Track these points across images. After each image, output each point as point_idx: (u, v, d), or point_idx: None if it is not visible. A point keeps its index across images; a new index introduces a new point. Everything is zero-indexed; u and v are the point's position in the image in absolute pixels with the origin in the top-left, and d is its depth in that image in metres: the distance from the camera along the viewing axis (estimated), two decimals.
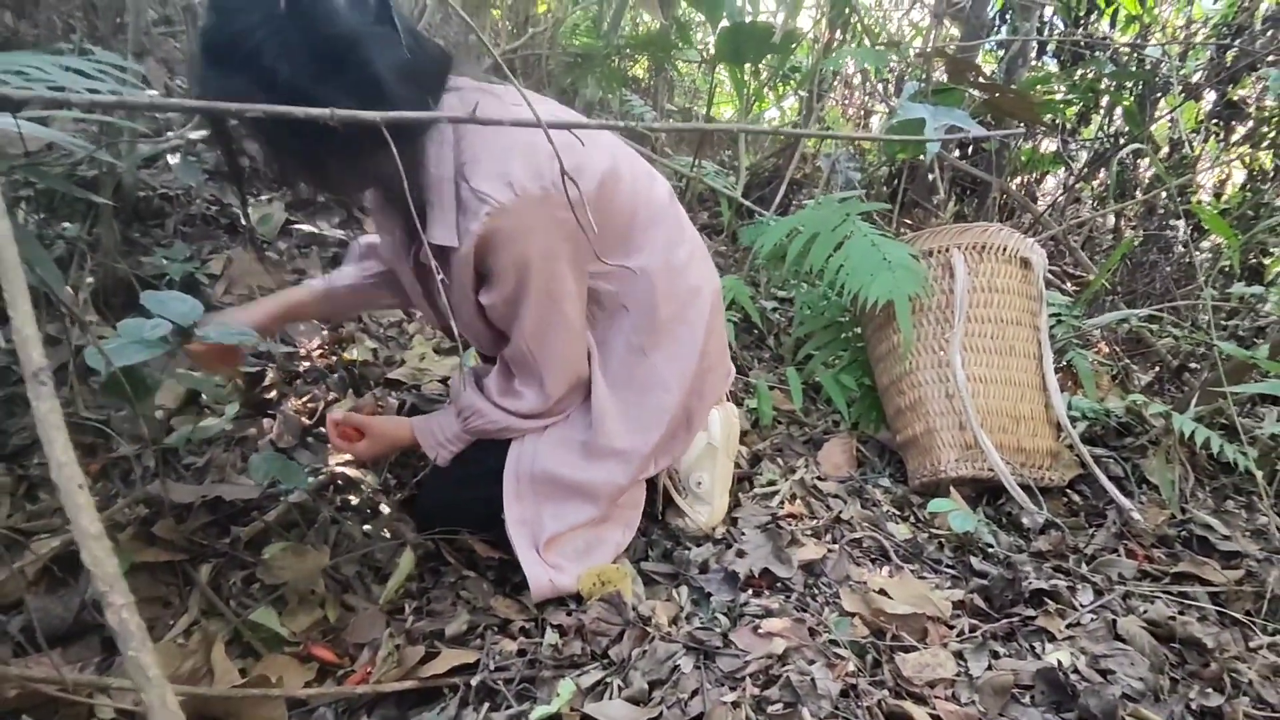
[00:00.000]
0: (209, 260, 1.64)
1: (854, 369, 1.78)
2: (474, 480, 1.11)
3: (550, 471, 1.10)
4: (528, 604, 1.07)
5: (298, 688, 0.84)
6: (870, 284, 1.51)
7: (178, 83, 2.07)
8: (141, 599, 0.93)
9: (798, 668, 0.96)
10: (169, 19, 2.51)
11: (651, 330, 1.12)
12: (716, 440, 1.29)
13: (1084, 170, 2.79)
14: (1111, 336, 1.97)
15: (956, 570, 1.30)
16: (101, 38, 1.66)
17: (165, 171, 1.79)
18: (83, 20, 1.89)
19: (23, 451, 1.10)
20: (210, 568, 0.99)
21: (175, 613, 0.93)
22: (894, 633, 1.09)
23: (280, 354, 1.43)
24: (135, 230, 1.65)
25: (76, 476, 0.27)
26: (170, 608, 0.93)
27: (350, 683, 0.87)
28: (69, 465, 0.27)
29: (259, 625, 0.91)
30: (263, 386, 1.34)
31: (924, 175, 2.49)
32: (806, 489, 1.46)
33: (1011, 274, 1.55)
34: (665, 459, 1.21)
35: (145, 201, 1.71)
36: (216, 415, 1.23)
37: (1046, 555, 1.36)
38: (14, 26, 1.90)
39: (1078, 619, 1.18)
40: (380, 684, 0.86)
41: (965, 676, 1.03)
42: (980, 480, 1.49)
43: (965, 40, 2.74)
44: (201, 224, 1.77)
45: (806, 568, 1.22)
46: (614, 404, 1.13)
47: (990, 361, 1.52)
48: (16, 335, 0.29)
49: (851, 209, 1.67)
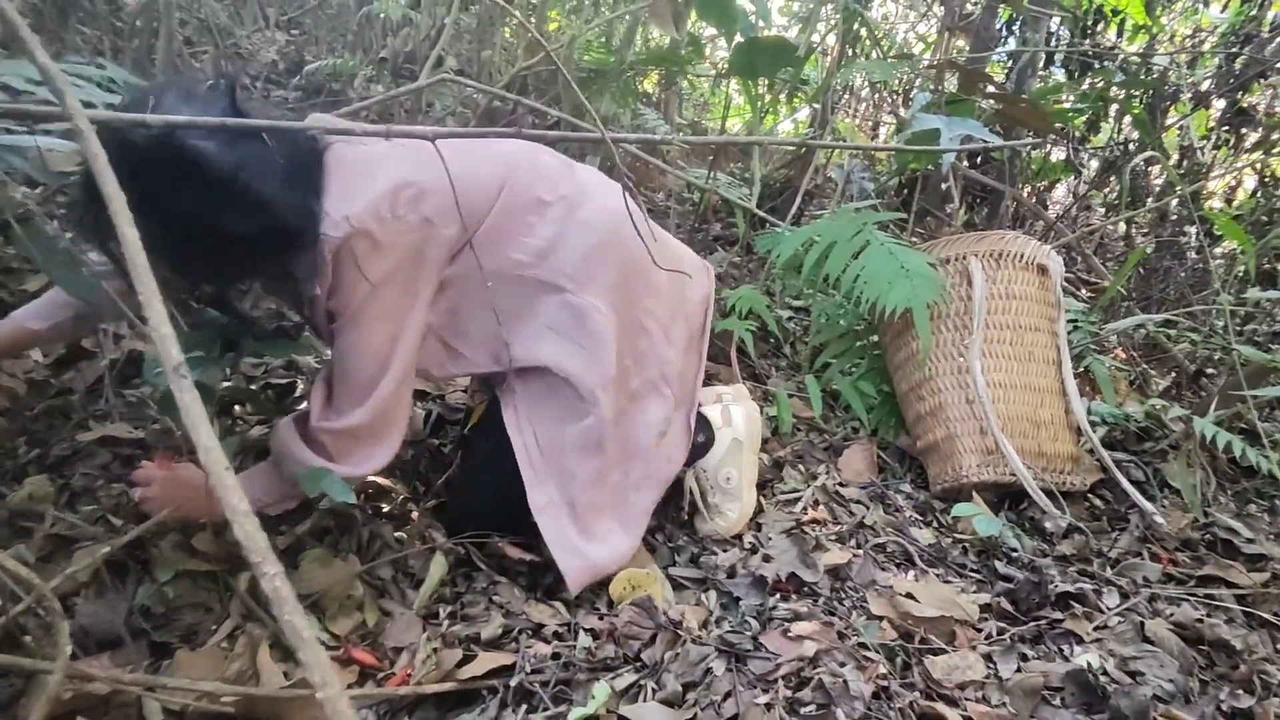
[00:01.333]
0: None
1: (872, 376, 1.79)
2: (497, 479, 1.13)
3: (551, 436, 1.13)
4: (560, 608, 1.08)
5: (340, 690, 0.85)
6: (889, 292, 1.53)
7: None
8: (185, 605, 0.95)
9: (829, 670, 0.97)
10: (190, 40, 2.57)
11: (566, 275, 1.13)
12: (742, 435, 1.31)
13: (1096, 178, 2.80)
14: (1128, 342, 1.98)
15: (981, 574, 1.31)
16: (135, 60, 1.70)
17: None
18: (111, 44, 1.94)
19: (64, 462, 1.12)
20: (249, 575, 1.00)
21: (217, 618, 0.95)
22: (922, 635, 1.10)
23: (310, 365, 1.46)
24: None
25: (222, 460, 0.29)
26: (212, 613, 0.95)
27: (391, 684, 0.89)
28: (215, 449, 0.29)
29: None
30: (294, 398, 1.36)
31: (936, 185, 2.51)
32: (829, 495, 1.47)
33: (1029, 281, 1.57)
34: (638, 376, 1.21)
35: None
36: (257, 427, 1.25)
37: (1070, 559, 1.37)
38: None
39: (1105, 621, 1.19)
40: (420, 686, 0.88)
41: (995, 679, 1.04)
42: (1001, 485, 1.50)
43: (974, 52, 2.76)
44: None
45: (832, 572, 1.23)
46: (560, 352, 1.13)
47: (1009, 367, 1.53)
48: (155, 333, 0.31)
49: (868, 218, 1.69)
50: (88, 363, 1.31)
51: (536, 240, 1.11)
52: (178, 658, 0.86)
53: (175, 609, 0.93)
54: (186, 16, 2.55)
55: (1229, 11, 2.96)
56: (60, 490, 1.08)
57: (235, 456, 1.21)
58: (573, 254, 1.12)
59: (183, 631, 0.91)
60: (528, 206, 1.11)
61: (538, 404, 1.15)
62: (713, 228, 2.66)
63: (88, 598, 0.89)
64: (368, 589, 1.03)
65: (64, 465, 1.13)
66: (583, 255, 1.13)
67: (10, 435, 1.15)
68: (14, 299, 1.35)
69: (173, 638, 0.90)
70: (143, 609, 0.90)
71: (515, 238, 1.11)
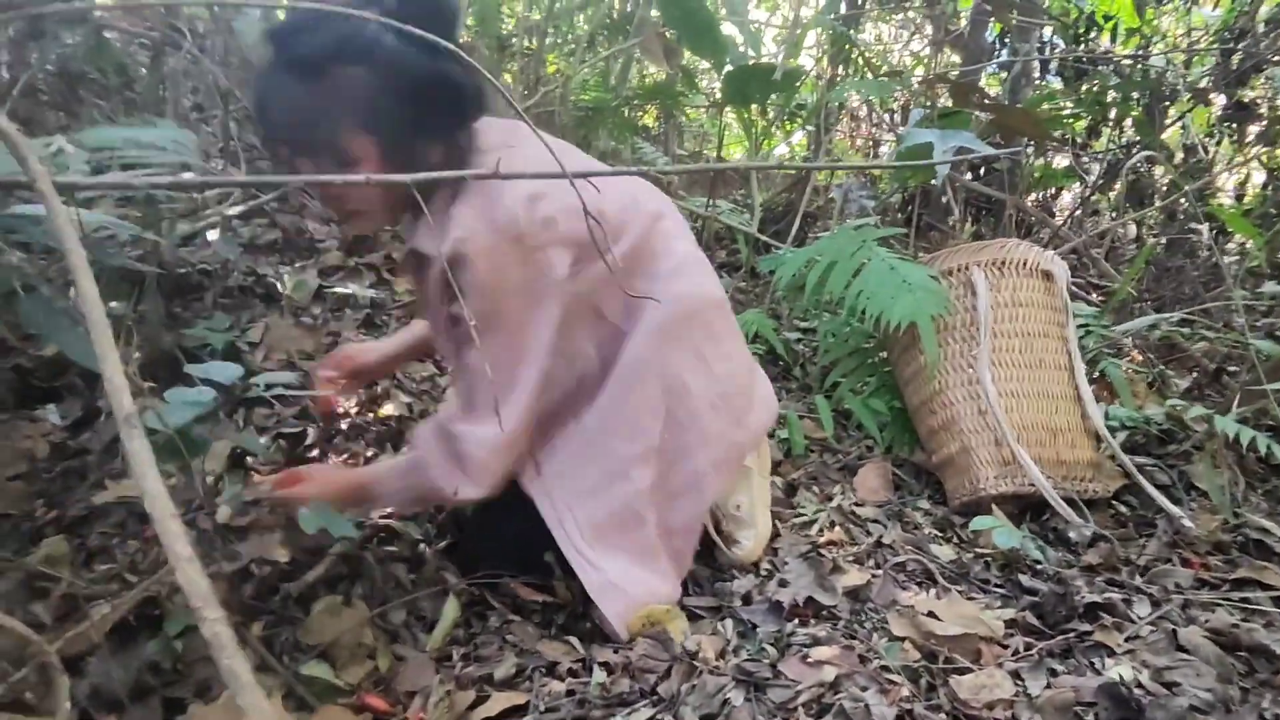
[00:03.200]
0: (248, 329, 1.70)
1: (883, 393, 1.78)
2: (514, 520, 1.12)
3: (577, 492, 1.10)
4: (574, 644, 1.07)
5: None
6: (892, 307, 1.53)
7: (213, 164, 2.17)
8: (197, 659, 0.95)
9: (850, 695, 0.95)
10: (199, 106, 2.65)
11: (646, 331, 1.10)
12: (749, 460, 1.30)
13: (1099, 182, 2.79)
14: (1143, 344, 1.95)
15: (1005, 589, 1.28)
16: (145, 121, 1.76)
17: (203, 247, 1.87)
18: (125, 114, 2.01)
19: (80, 522, 1.14)
20: (261, 625, 1.00)
21: None
22: (946, 655, 1.07)
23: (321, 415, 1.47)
24: (177, 304, 1.73)
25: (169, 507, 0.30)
26: None
27: None
28: (161, 496, 0.30)
29: (313, 679, 0.93)
30: (305, 445, 1.38)
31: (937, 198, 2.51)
32: (845, 515, 1.45)
33: (1034, 287, 1.55)
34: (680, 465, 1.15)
35: (185, 276, 1.79)
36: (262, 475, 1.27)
37: (1097, 568, 1.33)
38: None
39: (1136, 632, 1.15)
40: None
41: (1024, 696, 1.01)
42: (1022, 496, 1.47)
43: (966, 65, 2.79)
44: (239, 295, 1.84)
45: (851, 594, 1.20)
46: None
47: (1021, 376, 1.51)
48: (108, 384, 0.31)
49: (867, 235, 1.69)
50: (103, 422, 1.33)
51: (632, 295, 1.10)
52: (191, 713, 0.86)
53: (187, 663, 0.93)
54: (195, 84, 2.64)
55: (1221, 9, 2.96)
56: (76, 550, 1.09)
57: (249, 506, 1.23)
58: (656, 317, 1.09)
59: (195, 686, 0.91)
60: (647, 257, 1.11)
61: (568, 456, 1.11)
62: (717, 255, 2.68)
63: (101, 657, 0.89)
64: (380, 634, 1.03)
65: (80, 525, 1.14)
66: (662, 324, 1.09)
67: (29, 497, 1.17)
68: (32, 364, 1.38)
69: (185, 693, 0.90)
70: (153, 665, 0.91)
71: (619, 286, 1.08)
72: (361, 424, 1.51)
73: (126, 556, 1.09)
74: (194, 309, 1.75)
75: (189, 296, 1.78)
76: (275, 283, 1.88)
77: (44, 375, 1.39)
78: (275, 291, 1.86)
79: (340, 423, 1.48)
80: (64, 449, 1.28)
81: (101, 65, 1.83)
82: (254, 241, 2.08)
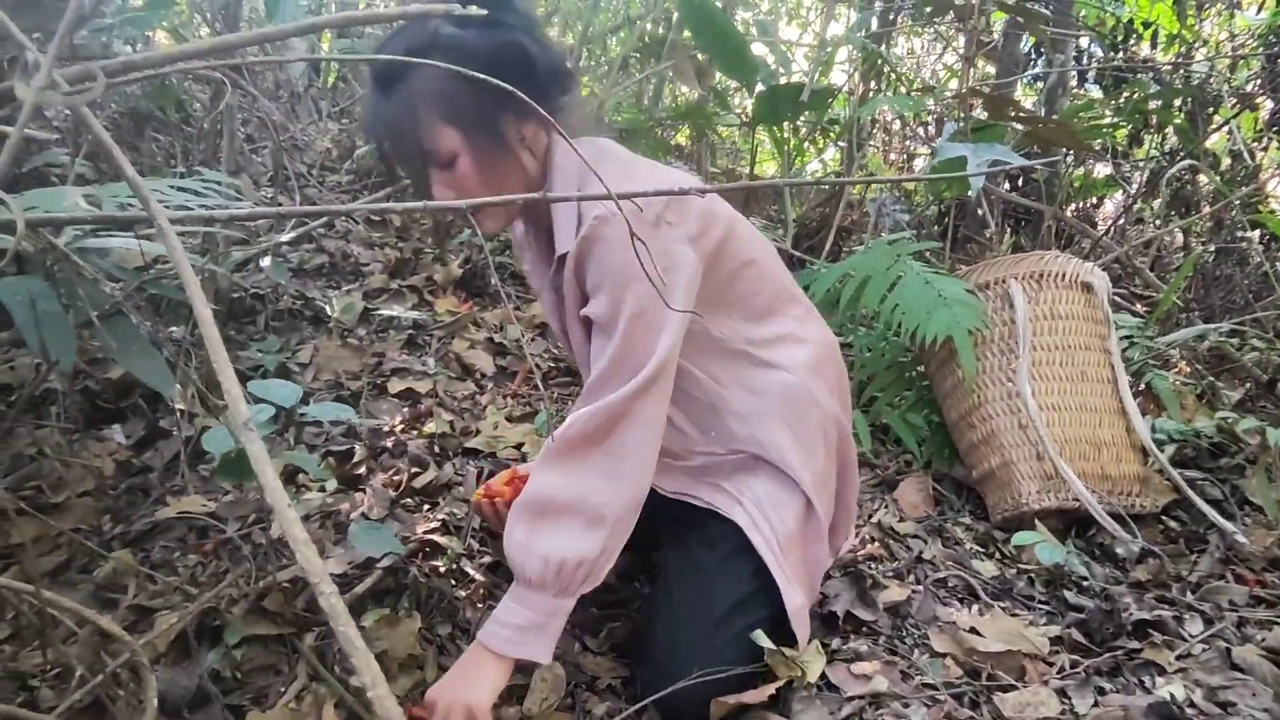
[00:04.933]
0: (298, 350, 1.76)
1: (921, 407, 1.76)
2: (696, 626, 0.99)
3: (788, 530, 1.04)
4: (616, 662, 1.08)
5: None
6: (927, 321, 1.52)
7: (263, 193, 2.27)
8: (255, 667, 0.99)
9: (893, 711, 0.95)
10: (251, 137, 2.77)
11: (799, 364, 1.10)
12: None
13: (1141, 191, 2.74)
14: (1191, 355, 1.90)
15: (1050, 605, 1.26)
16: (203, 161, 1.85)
17: (255, 273, 1.95)
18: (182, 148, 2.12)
19: (144, 536, 1.19)
20: (314, 637, 1.04)
21: (285, 680, 0.98)
22: (990, 672, 1.06)
23: (367, 431, 1.52)
24: (231, 328, 1.80)
25: (285, 498, 0.33)
26: (280, 675, 0.99)
27: None
28: (279, 490, 0.33)
29: (359, 689, 0.96)
30: (352, 463, 1.42)
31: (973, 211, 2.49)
32: (884, 531, 1.44)
33: (1074, 299, 1.54)
34: None
35: (239, 301, 1.87)
36: (315, 492, 1.31)
37: (1146, 585, 1.30)
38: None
39: (1188, 650, 1.13)
40: None
41: (1070, 714, 0.99)
42: (1066, 511, 1.45)
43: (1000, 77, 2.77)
44: (289, 318, 1.91)
45: (892, 610, 1.20)
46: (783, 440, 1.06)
47: (1062, 389, 1.50)
48: (227, 395, 0.35)
49: (902, 250, 1.69)
50: (165, 442, 1.40)
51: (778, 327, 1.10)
52: (249, 718, 0.90)
53: (246, 672, 0.97)
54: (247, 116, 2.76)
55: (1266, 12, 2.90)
56: (141, 563, 1.14)
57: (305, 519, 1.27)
58: (803, 352, 1.10)
59: (254, 694, 0.95)
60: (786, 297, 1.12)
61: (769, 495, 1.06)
62: None
63: (165, 664, 0.93)
64: (427, 646, 1.06)
65: (144, 540, 1.20)
66: (810, 362, 1.09)
67: (97, 514, 1.23)
68: (99, 386, 1.46)
69: (244, 700, 0.94)
70: (214, 673, 0.95)
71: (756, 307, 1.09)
72: (405, 443, 1.55)
73: (187, 570, 1.14)
74: (247, 332, 1.83)
75: (242, 320, 1.86)
76: (323, 306, 1.95)
77: (110, 397, 1.46)
78: (323, 314, 1.93)
79: (386, 440, 1.53)
80: (128, 467, 1.34)
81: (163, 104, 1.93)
82: (302, 266, 2.16)
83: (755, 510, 1.05)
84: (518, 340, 2.10)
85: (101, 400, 1.46)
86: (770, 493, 1.06)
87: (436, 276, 2.27)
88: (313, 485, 1.34)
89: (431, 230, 2.45)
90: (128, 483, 1.31)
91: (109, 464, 1.32)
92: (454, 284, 2.26)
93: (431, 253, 2.37)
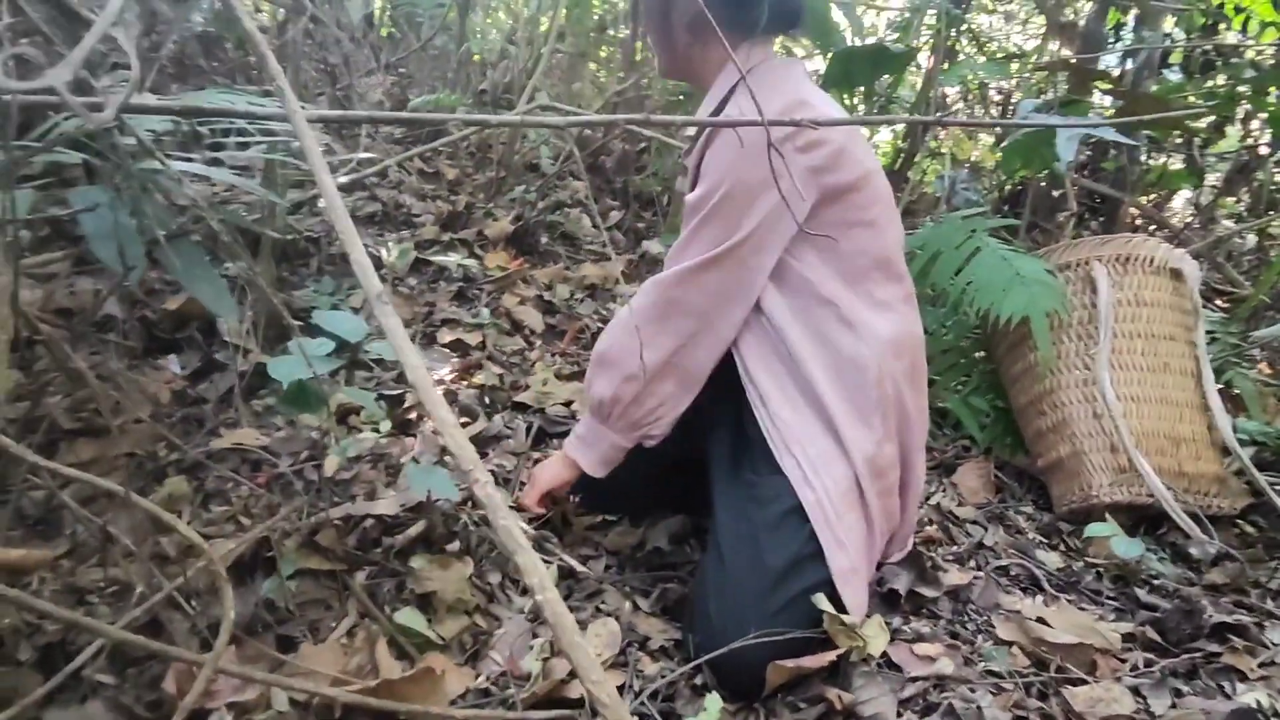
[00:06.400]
0: (349, 295, 1.75)
1: (984, 391, 1.70)
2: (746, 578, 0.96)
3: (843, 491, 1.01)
4: (668, 624, 1.05)
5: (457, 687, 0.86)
6: (1003, 300, 1.46)
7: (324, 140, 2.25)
8: (307, 601, 0.98)
9: (961, 695, 0.91)
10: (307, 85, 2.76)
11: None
12: None
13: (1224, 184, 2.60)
14: (1275, 355, 1.80)
15: (1120, 602, 1.20)
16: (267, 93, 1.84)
17: (308, 216, 1.94)
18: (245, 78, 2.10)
19: (199, 466, 1.19)
20: (365, 575, 1.03)
21: (336, 616, 0.97)
22: (1058, 664, 1.02)
23: None
24: (284, 269, 1.79)
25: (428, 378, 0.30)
26: (331, 611, 0.98)
27: None
28: (420, 369, 0.30)
29: (410, 629, 0.94)
30: (404, 408, 1.41)
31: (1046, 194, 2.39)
32: (943, 515, 1.39)
33: (1161, 286, 1.46)
34: None
35: (292, 244, 1.86)
36: (368, 432, 1.30)
37: (1223, 589, 1.24)
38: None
39: (1271, 657, 1.07)
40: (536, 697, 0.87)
41: (1146, 714, 0.94)
42: (1136, 507, 1.38)
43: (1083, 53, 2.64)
44: (341, 263, 1.90)
45: (952, 594, 1.15)
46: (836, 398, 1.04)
47: (1142, 380, 1.42)
48: (356, 267, 0.32)
49: (977, 225, 1.62)
50: (220, 375, 1.39)
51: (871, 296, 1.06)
52: (302, 651, 0.89)
53: (299, 605, 0.96)
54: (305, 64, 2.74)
55: None
56: (195, 491, 1.14)
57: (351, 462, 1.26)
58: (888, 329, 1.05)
59: (305, 626, 0.94)
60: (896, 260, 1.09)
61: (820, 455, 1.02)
62: None
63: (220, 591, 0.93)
64: (477, 592, 1.04)
65: (199, 469, 1.19)
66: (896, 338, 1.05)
67: (152, 439, 1.23)
68: (155, 316, 1.46)
69: (296, 632, 0.93)
70: (268, 603, 0.94)
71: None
72: (455, 393, 1.53)
73: (240, 501, 1.13)
74: (299, 274, 1.82)
75: (295, 262, 1.85)
76: (374, 252, 1.93)
77: (166, 328, 1.46)
78: (374, 261, 1.91)
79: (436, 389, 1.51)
80: (183, 397, 1.34)
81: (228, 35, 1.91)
82: (355, 213, 2.14)
83: (808, 467, 1.01)
84: (567, 300, 2.06)
85: (158, 330, 1.45)
86: (823, 452, 1.02)
87: (488, 231, 2.24)
88: (364, 426, 1.33)
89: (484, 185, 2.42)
90: (183, 412, 1.31)
91: (165, 392, 1.32)
92: (504, 240, 2.23)
93: (483, 208, 2.34)
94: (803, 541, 0.98)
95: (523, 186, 2.39)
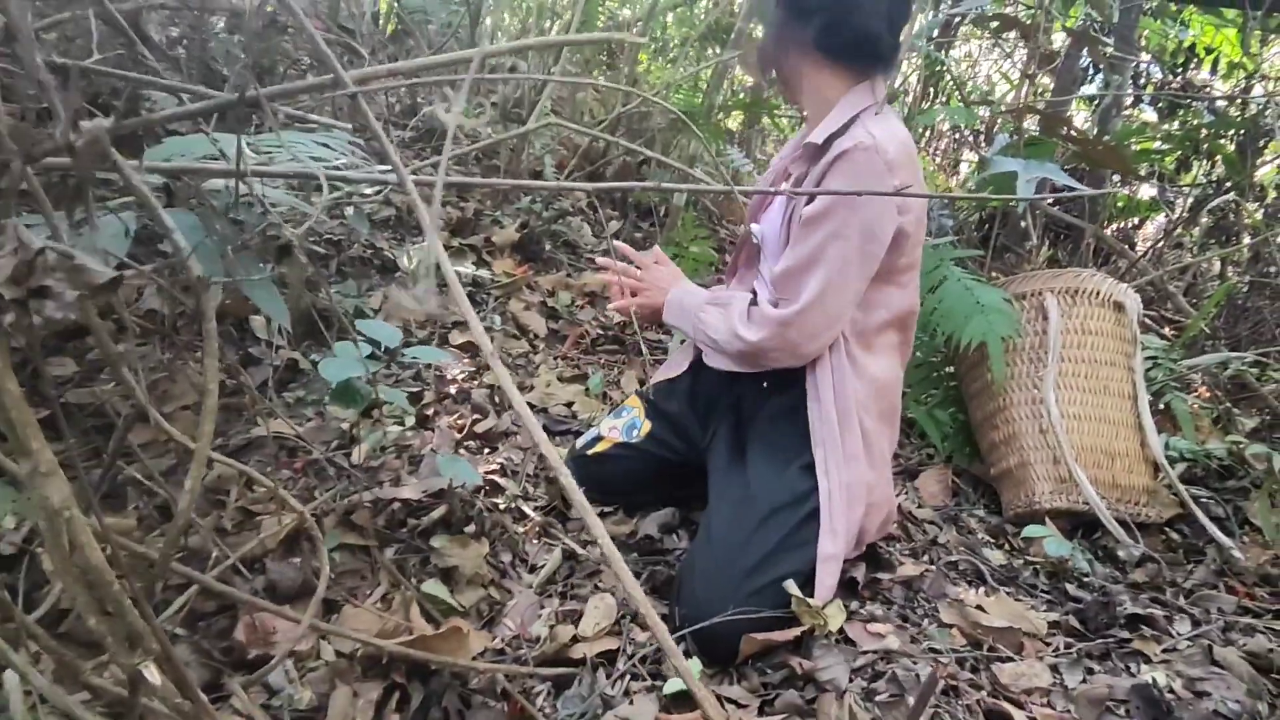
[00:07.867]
0: (367, 296, 1.89)
1: (947, 405, 1.87)
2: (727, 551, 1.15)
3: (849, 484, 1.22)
4: (657, 602, 1.21)
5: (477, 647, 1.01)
6: (964, 326, 1.62)
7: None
8: (345, 570, 1.13)
9: (903, 666, 1.07)
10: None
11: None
12: None
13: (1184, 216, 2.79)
14: (1213, 381, 1.98)
15: (1052, 595, 1.37)
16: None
17: (326, 220, 2.08)
18: None
19: (243, 449, 1.33)
20: (394, 551, 1.18)
21: (370, 585, 1.12)
22: (991, 644, 1.18)
23: (434, 377, 1.65)
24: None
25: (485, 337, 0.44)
26: (365, 581, 1.13)
27: None
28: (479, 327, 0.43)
29: (434, 597, 1.09)
30: (423, 404, 1.55)
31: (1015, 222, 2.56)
32: (903, 515, 1.55)
33: (1105, 317, 1.63)
34: None
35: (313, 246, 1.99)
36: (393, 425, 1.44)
37: (1143, 586, 1.41)
38: None
39: (1174, 645, 1.23)
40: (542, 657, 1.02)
41: (1060, 687, 1.11)
42: (1075, 513, 1.55)
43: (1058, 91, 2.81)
44: (359, 265, 2.04)
45: (905, 584, 1.31)
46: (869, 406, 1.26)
47: (1084, 400, 1.59)
48: (474, 334, 0.46)
49: (945, 254, 1.78)
50: (255, 368, 1.53)
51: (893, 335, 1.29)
52: (344, 611, 1.04)
53: (339, 574, 1.11)
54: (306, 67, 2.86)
55: None
56: (239, 475, 1.28)
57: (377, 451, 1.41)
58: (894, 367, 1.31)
59: (345, 592, 1.09)
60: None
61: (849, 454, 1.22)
62: None
63: (273, 559, 1.07)
64: (491, 569, 1.19)
65: (240, 454, 1.33)
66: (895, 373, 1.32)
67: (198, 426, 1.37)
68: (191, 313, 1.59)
69: (338, 597, 1.08)
70: (315, 570, 1.08)
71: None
72: (466, 390, 1.68)
73: (280, 482, 1.28)
74: (319, 275, 1.96)
75: (315, 264, 1.99)
76: (391, 256, 2.07)
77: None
78: (390, 263, 2.05)
79: (450, 387, 1.66)
80: (223, 387, 1.48)
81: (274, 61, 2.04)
82: (371, 217, 2.28)
83: (833, 461, 1.20)
84: (568, 306, 2.21)
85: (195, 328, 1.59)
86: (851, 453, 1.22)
87: (495, 238, 2.38)
88: (388, 419, 1.47)
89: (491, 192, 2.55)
90: (223, 402, 1.44)
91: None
92: (510, 247, 2.38)
93: (490, 215, 2.48)
94: (784, 536, 1.15)
95: (529, 196, 2.53)
